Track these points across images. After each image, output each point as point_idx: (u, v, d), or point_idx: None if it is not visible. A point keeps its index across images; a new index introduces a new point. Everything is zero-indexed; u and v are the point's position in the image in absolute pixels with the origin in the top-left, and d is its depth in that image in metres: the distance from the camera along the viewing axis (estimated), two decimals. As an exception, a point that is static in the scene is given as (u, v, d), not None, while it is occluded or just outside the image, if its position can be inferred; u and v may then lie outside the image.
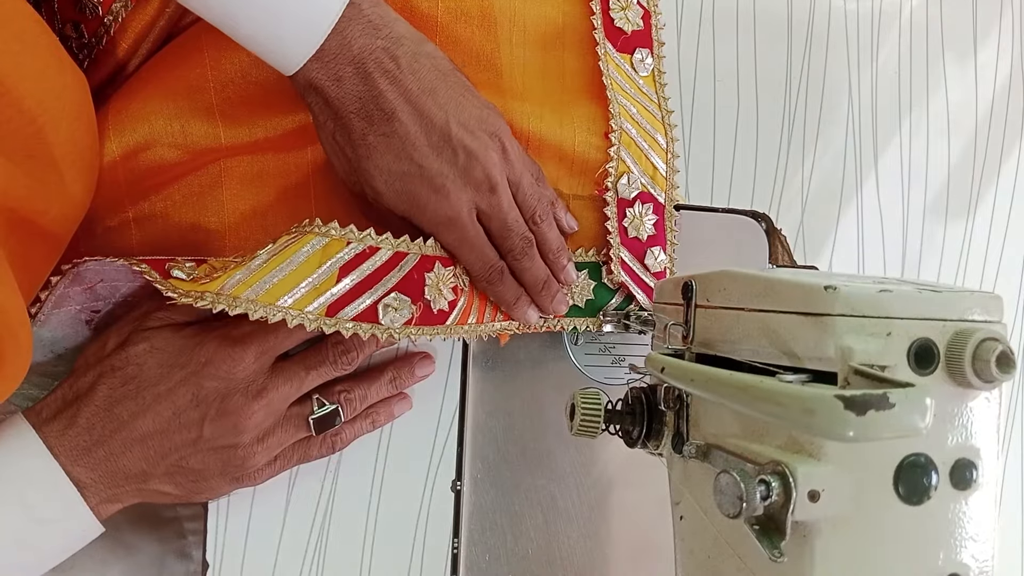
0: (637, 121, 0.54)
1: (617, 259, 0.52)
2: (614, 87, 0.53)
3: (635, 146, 0.53)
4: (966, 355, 0.32)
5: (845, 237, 0.60)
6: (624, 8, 0.55)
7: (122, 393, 0.43)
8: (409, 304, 0.46)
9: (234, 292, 0.42)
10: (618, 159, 0.53)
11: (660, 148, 0.54)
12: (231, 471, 0.45)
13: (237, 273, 0.43)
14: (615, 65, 0.54)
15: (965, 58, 0.63)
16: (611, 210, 0.53)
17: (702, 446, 0.37)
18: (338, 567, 0.51)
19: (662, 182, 0.54)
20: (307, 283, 0.43)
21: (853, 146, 0.61)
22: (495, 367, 0.53)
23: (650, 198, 0.54)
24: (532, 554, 0.53)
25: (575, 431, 0.43)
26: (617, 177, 0.53)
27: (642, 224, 0.53)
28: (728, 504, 0.31)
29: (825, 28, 0.60)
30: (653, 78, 0.56)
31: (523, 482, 0.53)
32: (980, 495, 0.33)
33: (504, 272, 0.48)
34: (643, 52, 0.55)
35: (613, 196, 0.53)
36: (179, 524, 0.54)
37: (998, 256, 0.63)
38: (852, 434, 0.27)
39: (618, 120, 0.52)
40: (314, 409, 0.47)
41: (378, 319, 0.45)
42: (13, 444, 0.42)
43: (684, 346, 0.40)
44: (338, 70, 0.42)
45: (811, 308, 0.33)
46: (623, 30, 0.55)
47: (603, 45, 0.53)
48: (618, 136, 0.52)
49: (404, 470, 0.52)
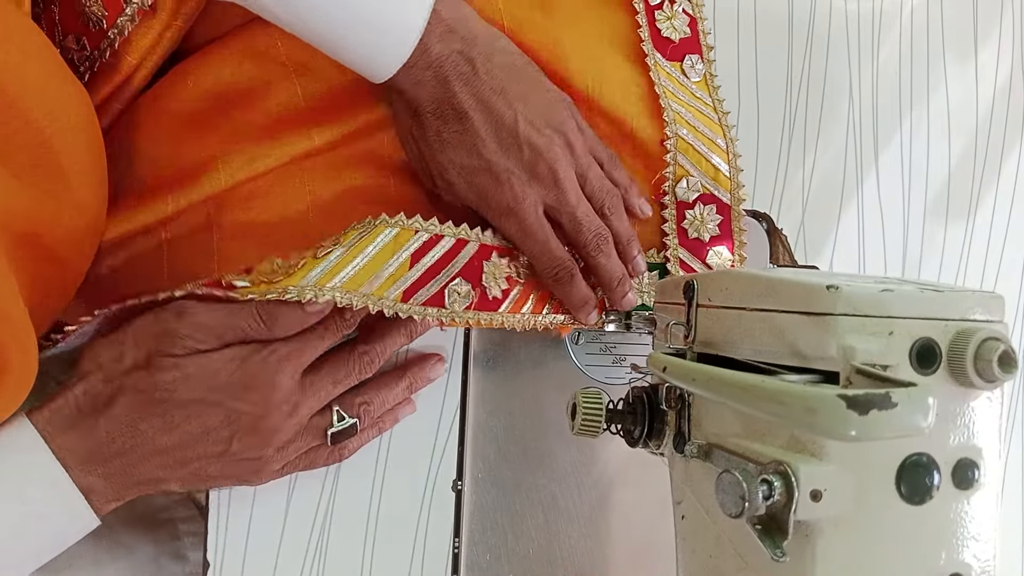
0: (693, 125, 0.55)
1: (675, 260, 0.53)
2: (666, 95, 0.54)
3: (693, 150, 0.54)
4: (968, 355, 0.32)
5: (846, 237, 0.60)
6: (670, 18, 0.56)
7: (148, 412, 0.42)
8: (470, 289, 0.48)
9: (318, 283, 0.43)
10: (675, 164, 0.54)
11: (720, 149, 0.55)
12: (245, 476, 0.45)
13: (317, 267, 0.44)
14: (666, 74, 0.55)
15: (965, 58, 0.63)
16: (669, 213, 0.54)
17: (704, 446, 0.37)
18: (339, 567, 0.51)
19: (726, 182, 0.55)
20: (384, 271, 0.46)
21: (854, 146, 0.61)
22: (496, 367, 0.53)
23: (713, 199, 0.54)
24: (533, 554, 0.53)
25: (576, 430, 0.43)
26: (675, 182, 0.54)
27: (704, 225, 0.54)
28: (730, 503, 0.31)
29: (826, 28, 0.60)
30: (706, 82, 0.57)
31: (524, 482, 0.53)
32: (982, 495, 0.33)
33: (575, 274, 0.49)
34: (693, 58, 0.56)
35: (671, 200, 0.54)
36: (174, 526, 0.54)
37: (999, 256, 0.63)
38: (854, 433, 0.27)
39: (673, 127, 0.54)
40: (333, 422, 0.47)
41: (444, 303, 0.47)
42: (17, 447, 0.41)
43: (686, 345, 0.40)
44: (418, 75, 0.45)
45: (813, 308, 0.33)
46: (671, 39, 0.56)
47: (652, 56, 0.55)
48: (673, 143, 0.54)
49: (405, 470, 0.52)
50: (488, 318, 0.49)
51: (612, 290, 0.51)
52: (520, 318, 0.50)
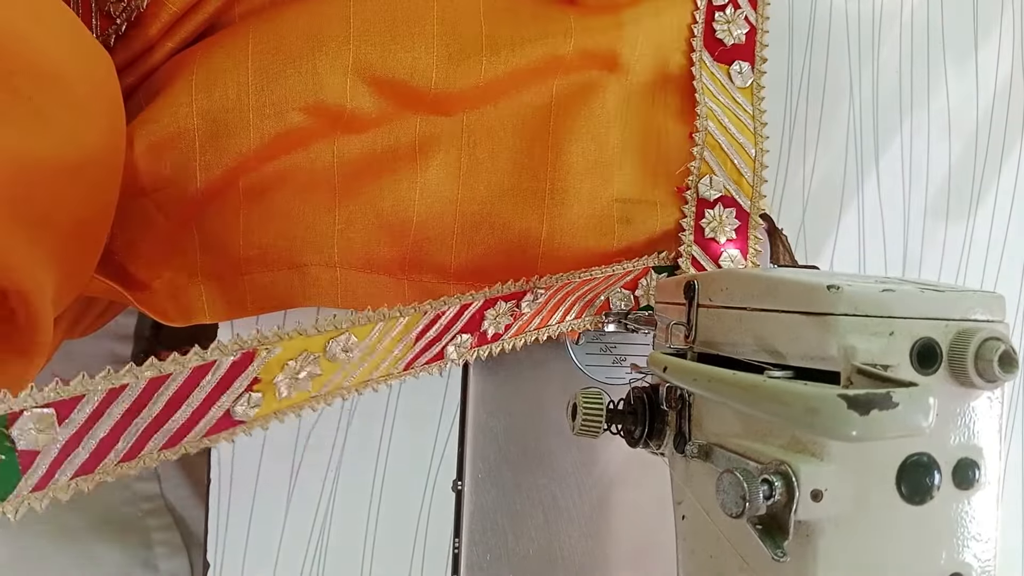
0: (725, 126, 0.55)
1: (688, 256, 0.53)
2: (704, 91, 0.54)
3: (720, 150, 0.54)
4: (969, 354, 0.32)
5: (846, 237, 0.60)
6: (728, 21, 0.56)
7: None
8: (469, 339, 0.48)
9: (331, 391, 0.43)
10: (701, 160, 0.54)
11: (748, 156, 0.55)
12: None
13: (334, 376, 0.42)
14: (709, 73, 0.55)
15: (965, 58, 0.63)
16: (689, 208, 0.53)
17: (704, 446, 0.37)
18: (339, 567, 0.51)
19: (748, 189, 0.55)
20: (391, 358, 0.45)
21: (854, 146, 0.61)
22: (496, 367, 0.53)
23: (733, 203, 0.54)
24: (533, 554, 0.53)
25: (577, 431, 0.43)
26: (699, 177, 0.54)
27: (721, 227, 0.54)
28: (731, 503, 0.31)
29: (826, 28, 0.60)
30: (751, 91, 0.57)
31: (524, 482, 0.53)
32: (983, 495, 0.33)
33: None
34: (742, 64, 0.56)
35: (693, 195, 0.54)
36: (146, 534, 0.53)
37: (999, 256, 0.63)
38: (855, 433, 0.27)
39: (703, 121, 0.54)
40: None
41: (444, 357, 0.48)
42: None
43: (686, 346, 0.40)
44: None
45: (814, 308, 0.33)
46: (723, 42, 0.56)
47: (699, 52, 0.55)
48: (702, 137, 0.54)
49: (405, 470, 0.52)
50: (487, 349, 0.49)
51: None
52: (527, 335, 0.50)
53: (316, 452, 0.51)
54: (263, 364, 0.39)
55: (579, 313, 0.52)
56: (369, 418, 0.51)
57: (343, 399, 0.44)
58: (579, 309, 0.52)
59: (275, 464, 0.50)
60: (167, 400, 0.37)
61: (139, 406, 0.36)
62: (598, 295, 0.53)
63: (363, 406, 0.51)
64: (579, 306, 0.52)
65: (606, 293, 0.53)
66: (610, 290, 0.53)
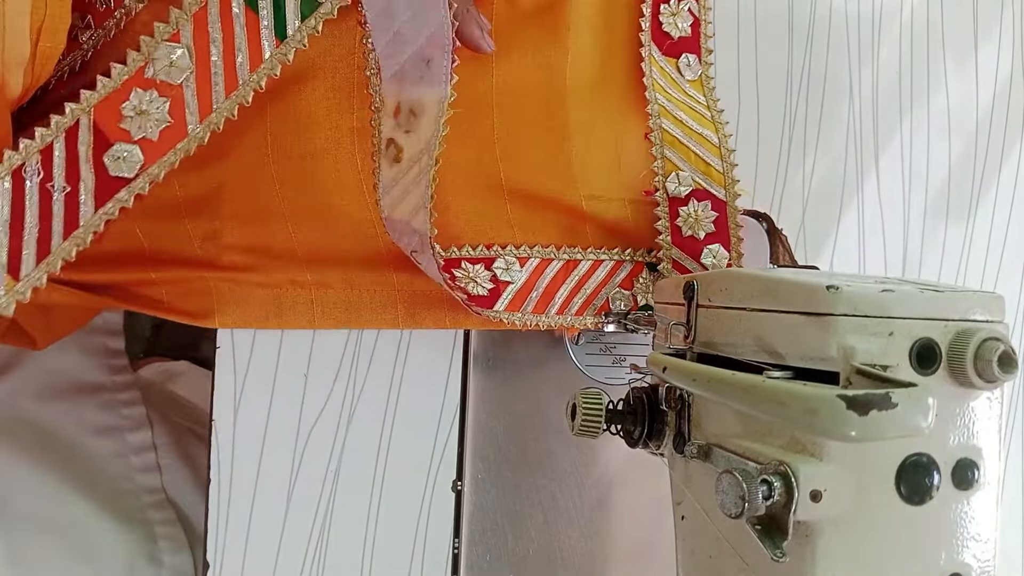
0: (681, 120, 0.54)
1: (668, 260, 0.52)
2: (655, 87, 0.53)
3: (680, 144, 0.53)
4: (968, 355, 0.32)
5: (846, 237, 0.60)
6: (674, 14, 0.55)
7: None
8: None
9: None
10: (662, 158, 0.53)
11: (712, 145, 0.54)
12: None
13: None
14: (659, 68, 0.54)
15: (965, 58, 0.63)
16: (662, 210, 0.53)
17: (704, 446, 0.37)
18: (338, 567, 0.51)
19: (719, 177, 0.54)
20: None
21: (854, 146, 0.61)
22: (496, 367, 0.53)
23: (707, 195, 0.53)
24: (533, 554, 0.53)
25: (576, 431, 0.43)
26: (665, 176, 0.53)
27: (699, 222, 0.53)
28: (730, 504, 0.31)
29: (826, 28, 0.60)
30: (701, 83, 0.56)
31: (524, 482, 0.53)
32: (982, 495, 0.33)
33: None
34: (690, 57, 0.55)
35: (663, 196, 0.53)
36: (149, 528, 0.54)
37: (999, 256, 0.63)
38: (854, 434, 0.27)
39: (656, 120, 0.53)
40: None
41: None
42: None
43: (686, 346, 0.40)
44: None
45: (813, 308, 0.33)
46: (670, 35, 0.55)
47: (648, 47, 0.54)
48: (658, 136, 0.53)
49: (404, 470, 0.52)
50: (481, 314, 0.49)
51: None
52: (520, 316, 0.50)
53: (316, 452, 0.51)
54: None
55: (580, 309, 0.52)
56: (369, 418, 0.51)
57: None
58: (580, 305, 0.52)
59: (275, 464, 0.50)
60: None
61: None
62: (597, 291, 0.53)
63: (363, 406, 0.51)
64: (580, 301, 0.52)
65: (605, 290, 0.53)
66: (608, 287, 0.53)
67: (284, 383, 0.50)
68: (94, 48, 0.47)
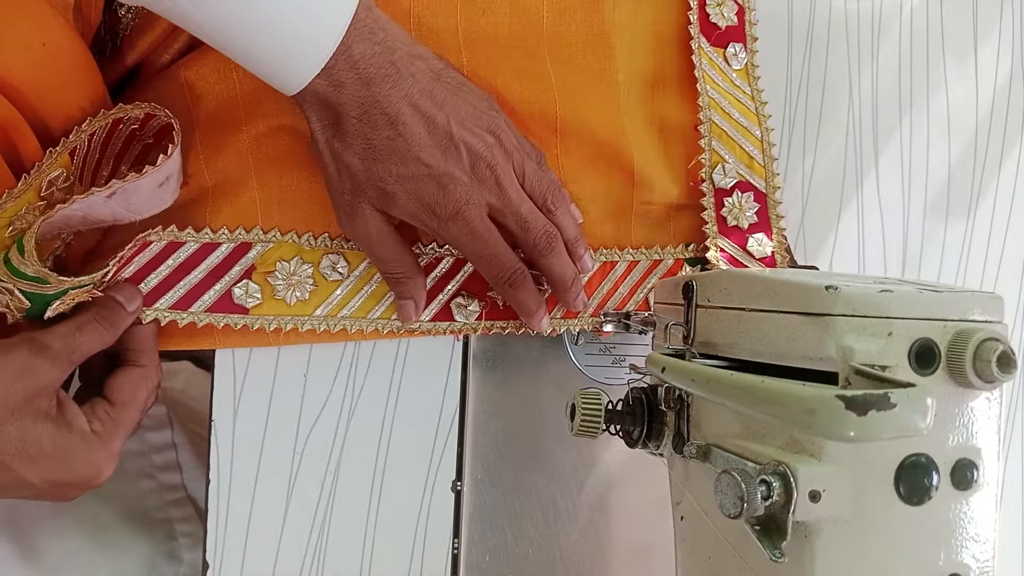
0: (728, 113, 0.55)
1: (716, 248, 0.54)
2: (706, 79, 0.55)
3: (727, 136, 0.55)
4: (967, 355, 0.32)
5: (845, 237, 0.60)
6: (720, 4, 0.57)
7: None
8: (476, 301, 0.51)
9: (329, 313, 0.49)
10: (710, 150, 0.54)
11: (755, 138, 0.56)
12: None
13: (336, 295, 0.49)
14: (708, 59, 0.56)
15: (965, 58, 0.63)
16: (708, 200, 0.54)
17: (703, 446, 0.37)
18: (338, 567, 0.51)
19: (760, 170, 0.56)
20: (389, 296, 0.50)
21: (854, 146, 0.60)
22: (495, 367, 0.53)
23: (749, 187, 0.55)
24: (532, 554, 0.53)
25: (575, 431, 0.43)
26: (712, 168, 0.54)
27: (742, 212, 0.55)
28: (729, 504, 0.31)
29: (825, 28, 0.60)
30: (747, 71, 0.57)
31: (523, 482, 0.53)
32: (981, 495, 0.33)
33: (527, 276, 0.48)
34: (736, 47, 0.57)
35: (709, 187, 0.54)
36: (170, 526, 0.54)
37: (998, 256, 0.63)
38: (853, 434, 0.27)
39: (707, 112, 0.54)
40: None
41: (453, 317, 0.51)
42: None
43: (685, 346, 0.40)
44: (339, 76, 0.42)
45: (812, 308, 0.33)
46: (717, 25, 0.56)
47: (697, 40, 0.55)
48: (708, 128, 0.54)
49: (404, 470, 0.52)
50: (505, 324, 0.51)
51: (566, 291, 0.49)
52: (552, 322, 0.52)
53: (315, 452, 0.51)
54: (259, 254, 0.48)
55: (622, 303, 0.54)
56: (369, 418, 0.51)
57: (347, 332, 0.49)
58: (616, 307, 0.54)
59: (274, 464, 0.50)
60: (179, 263, 0.47)
61: (157, 262, 0.47)
62: (633, 292, 0.54)
63: (363, 406, 0.51)
64: (613, 305, 0.54)
65: (641, 290, 0.54)
66: (642, 288, 0.54)
67: (284, 383, 0.50)
68: (133, 22, 0.48)
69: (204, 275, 0.47)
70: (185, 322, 0.47)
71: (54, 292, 0.42)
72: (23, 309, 0.43)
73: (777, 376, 0.32)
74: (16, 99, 0.42)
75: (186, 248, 0.47)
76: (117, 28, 0.48)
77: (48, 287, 0.42)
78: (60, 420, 0.42)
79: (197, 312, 0.47)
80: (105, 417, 0.43)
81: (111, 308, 0.45)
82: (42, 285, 0.42)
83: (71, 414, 0.42)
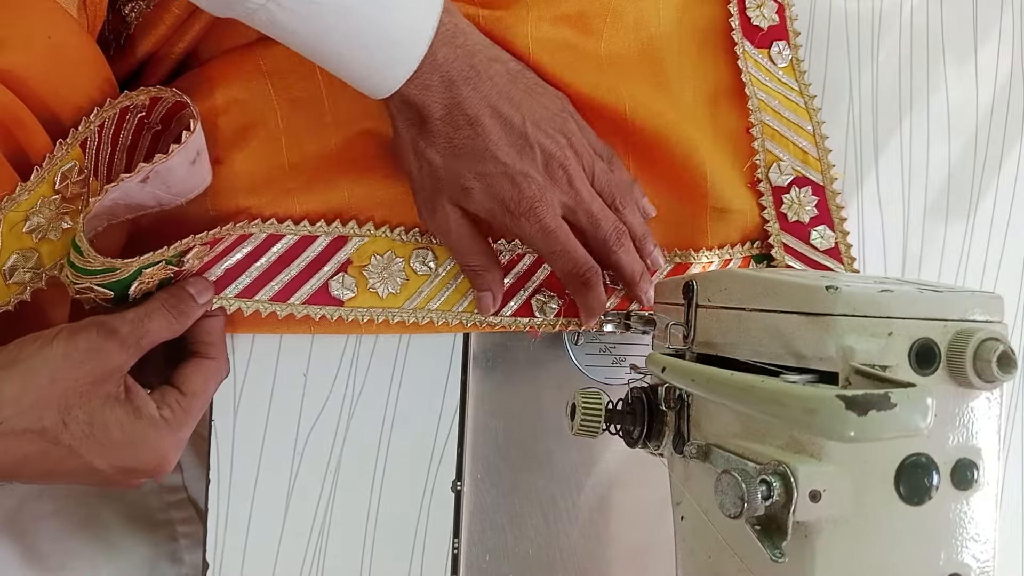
0: (778, 112, 0.56)
1: (779, 245, 0.55)
2: (753, 83, 0.56)
3: (779, 136, 0.56)
4: (967, 355, 0.32)
5: (846, 237, 0.60)
6: (759, 5, 0.57)
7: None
8: (556, 298, 0.52)
9: (417, 306, 0.50)
10: (764, 151, 0.55)
11: (806, 132, 0.57)
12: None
13: (423, 289, 0.51)
14: (753, 61, 0.57)
15: (965, 58, 0.63)
16: (767, 199, 0.55)
17: (703, 446, 0.37)
18: (338, 567, 0.51)
19: (815, 164, 0.57)
20: (472, 292, 0.51)
21: (854, 145, 0.60)
22: (495, 367, 0.53)
23: (807, 181, 0.56)
24: (532, 554, 0.53)
25: (576, 431, 0.43)
26: (767, 167, 0.55)
27: (802, 207, 0.56)
28: (729, 504, 0.31)
29: (825, 28, 0.60)
30: (792, 67, 0.58)
31: (523, 482, 0.53)
32: (981, 495, 0.33)
33: (599, 273, 0.50)
34: (780, 44, 0.58)
35: (767, 187, 0.55)
36: (171, 527, 0.54)
37: (999, 256, 0.63)
38: (853, 434, 0.27)
39: (758, 115, 0.56)
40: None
41: (533, 313, 0.52)
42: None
43: (685, 346, 0.40)
44: (425, 80, 0.44)
45: (812, 308, 0.33)
46: (760, 27, 0.57)
47: (741, 44, 0.56)
48: (760, 130, 0.56)
49: (404, 470, 0.52)
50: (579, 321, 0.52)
51: (635, 285, 0.51)
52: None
53: (316, 452, 0.51)
54: (355, 248, 0.50)
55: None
56: (369, 418, 0.51)
57: (434, 324, 0.51)
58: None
59: (275, 464, 0.50)
60: (279, 256, 0.48)
61: (257, 255, 0.48)
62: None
63: (363, 406, 0.51)
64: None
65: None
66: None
67: (284, 383, 0.50)
68: (137, 21, 0.49)
69: (303, 268, 0.49)
70: (285, 313, 0.48)
71: (128, 275, 0.43)
72: (108, 299, 0.43)
73: (777, 376, 0.32)
74: (23, 92, 0.42)
75: (286, 240, 0.49)
76: (121, 27, 0.48)
77: (118, 272, 0.42)
78: (129, 405, 0.42)
79: (295, 304, 0.48)
80: (176, 405, 0.44)
81: (181, 298, 0.46)
82: (113, 273, 0.42)
83: (140, 400, 0.43)
